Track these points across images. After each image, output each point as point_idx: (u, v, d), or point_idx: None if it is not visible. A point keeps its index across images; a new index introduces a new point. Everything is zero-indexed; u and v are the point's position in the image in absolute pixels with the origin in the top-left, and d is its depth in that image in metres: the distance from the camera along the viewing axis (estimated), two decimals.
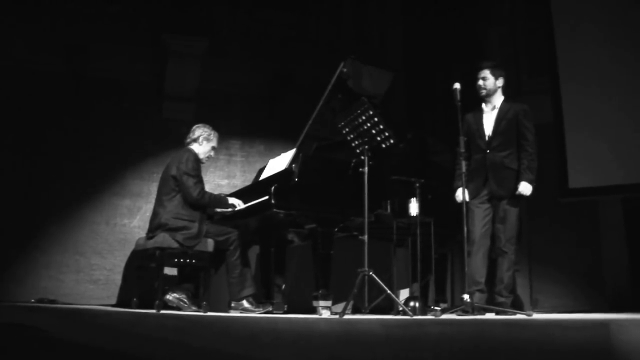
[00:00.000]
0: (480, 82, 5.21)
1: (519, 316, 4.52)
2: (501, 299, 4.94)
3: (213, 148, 5.88)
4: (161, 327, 4.07)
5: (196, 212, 5.49)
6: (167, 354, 3.68)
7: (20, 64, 6.85)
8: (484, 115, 5.22)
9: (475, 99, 5.29)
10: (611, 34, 6.27)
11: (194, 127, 5.86)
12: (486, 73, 5.21)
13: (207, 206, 5.61)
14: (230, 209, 5.67)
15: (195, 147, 5.75)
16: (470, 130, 5.21)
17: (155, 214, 5.58)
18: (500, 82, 5.23)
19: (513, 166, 5.08)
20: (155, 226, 5.47)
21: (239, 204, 5.65)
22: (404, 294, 6.65)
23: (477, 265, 4.98)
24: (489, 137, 5.13)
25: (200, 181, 5.57)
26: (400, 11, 8.41)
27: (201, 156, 5.74)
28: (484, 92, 5.21)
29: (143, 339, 3.91)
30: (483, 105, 5.27)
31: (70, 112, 6.93)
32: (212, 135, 5.83)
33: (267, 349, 3.44)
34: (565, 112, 6.45)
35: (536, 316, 4.45)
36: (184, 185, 5.47)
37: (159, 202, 5.61)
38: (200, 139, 5.77)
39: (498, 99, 5.23)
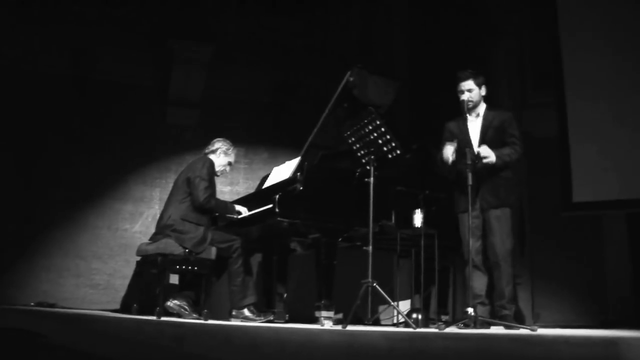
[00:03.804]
0: (466, 96, 5.00)
1: (524, 331, 4.46)
2: (505, 312, 4.86)
3: (229, 163, 5.92)
4: (161, 334, 4.03)
5: (204, 218, 5.48)
6: None
7: (24, 66, 6.83)
8: (469, 125, 5.06)
9: None
10: (618, 48, 6.25)
11: (214, 140, 5.89)
12: (471, 84, 5.03)
13: (212, 211, 5.60)
14: (235, 216, 5.66)
15: (212, 157, 5.75)
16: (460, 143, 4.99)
17: (162, 217, 5.58)
18: (483, 90, 5.10)
19: (503, 174, 4.98)
20: (162, 227, 5.46)
21: (245, 212, 5.63)
22: (405, 305, 6.60)
23: (475, 278, 4.87)
24: (471, 146, 4.93)
25: (210, 187, 5.56)
26: (407, 22, 8.39)
27: (216, 168, 5.74)
28: (470, 104, 5.02)
29: (143, 347, 3.88)
30: (467, 113, 5.05)
31: (73, 116, 6.91)
32: (230, 150, 5.86)
33: (268, 359, 3.41)
34: (571, 125, 6.41)
35: (540, 331, 4.41)
36: (194, 187, 5.47)
37: (168, 204, 5.62)
38: (218, 151, 5.80)
39: (481, 107, 5.12)
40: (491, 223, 4.96)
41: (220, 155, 5.80)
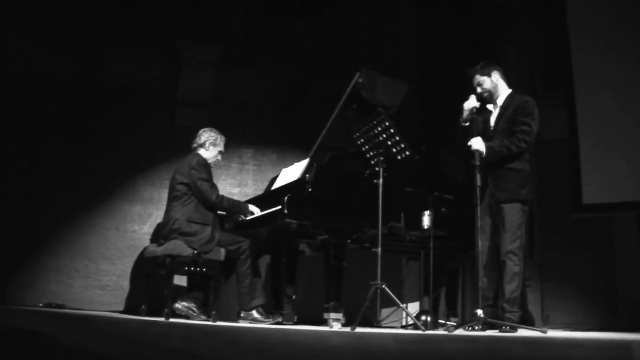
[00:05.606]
0: (479, 89, 5.00)
1: (534, 333, 4.43)
2: (505, 315, 4.65)
3: (220, 152, 5.85)
4: (170, 335, 4.03)
5: (209, 217, 5.47)
6: None
7: (32, 67, 6.83)
8: (492, 116, 5.04)
9: None
10: (629, 48, 6.23)
11: (200, 132, 5.83)
12: (478, 78, 5.02)
13: (225, 210, 5.59)
14: (247, 216, 5.64)
15: (202, 152, 5.72)
16: (478, 132, 4.95)
17: (165, 222, 5.55)
18: (495, 76, 5.01)
19: (512, 165, 4.83)
20: (167, 232, 5.43)
21: (257, 212, 5.61)
22: (413, 307, 6.59)
23: (485, 279, 4.74)
24: (489, 136, 4.88)
25: (214, 185, 5.55)
26: (416, 22, 8.37)
27: (209, 161, 5.71)
28: (487, 94, 5.00)
29: (151, 348, 3.87)
30: (491, 105, 5.07)
31: (82, 117, 6.91)
32: (218, 140, 5.79)
33: None
34: (580, 126, 6.39)
35: (550, 333, 4.38)
36: (199, 190, 5.45)
37: (169, 209, 5.59)
38: (207, 144, 5.75)
39: (502, 94, 5.02)
40: (499, 219, 4.82)
41: (210, 147, 5.75)
